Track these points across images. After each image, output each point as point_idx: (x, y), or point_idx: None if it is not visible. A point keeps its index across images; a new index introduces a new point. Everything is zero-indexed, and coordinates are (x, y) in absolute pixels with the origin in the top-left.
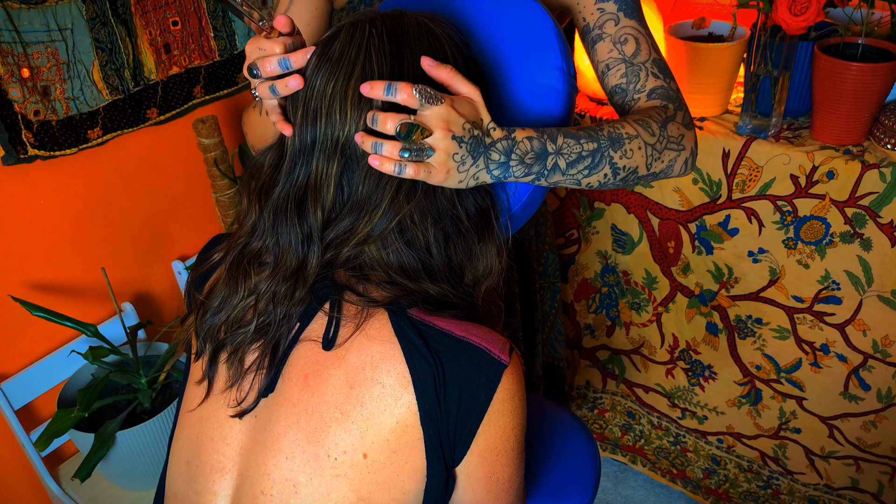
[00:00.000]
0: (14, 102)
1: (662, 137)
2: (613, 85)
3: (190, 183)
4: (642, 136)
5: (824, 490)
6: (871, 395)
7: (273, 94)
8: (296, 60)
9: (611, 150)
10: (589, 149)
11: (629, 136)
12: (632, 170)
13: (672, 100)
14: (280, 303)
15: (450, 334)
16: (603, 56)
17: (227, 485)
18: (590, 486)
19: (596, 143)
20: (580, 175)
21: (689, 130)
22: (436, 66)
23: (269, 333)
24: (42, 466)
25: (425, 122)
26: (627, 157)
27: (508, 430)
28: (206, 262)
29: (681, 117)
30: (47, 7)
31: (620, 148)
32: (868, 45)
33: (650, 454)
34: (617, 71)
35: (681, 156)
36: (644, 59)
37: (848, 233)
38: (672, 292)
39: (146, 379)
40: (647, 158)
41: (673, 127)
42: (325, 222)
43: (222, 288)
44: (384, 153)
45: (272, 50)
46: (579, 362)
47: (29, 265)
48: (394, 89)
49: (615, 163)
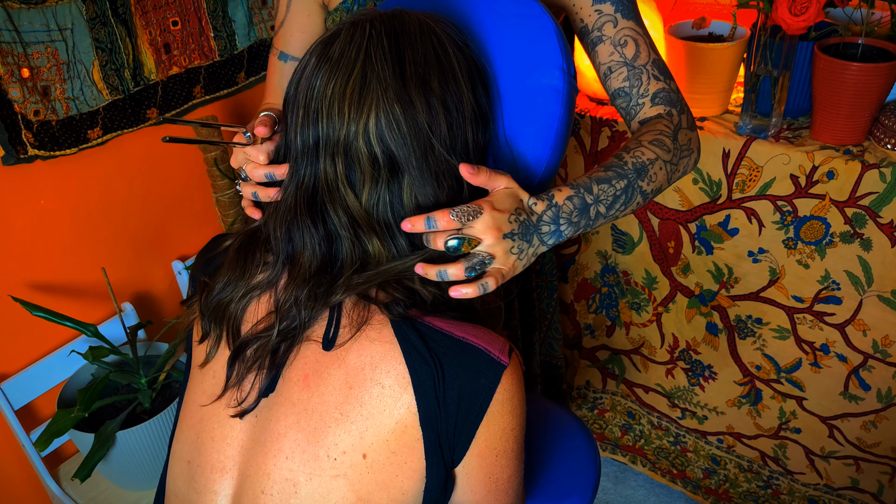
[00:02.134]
0: (14, 102)
1: (677, 150)
2: (616, 88)
3: (190, 183)
4: (661, 157)
5: (824, 490)
6: (871, 395)
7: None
8: (279, 173)
9: (639, 181)
10: (621, 187)
11: (650, 161)
12: (657, 189)
13: (674, 103)
14: (305, 306)
15: (449, 335)
16: (604, 59)
17: (227, 484)
18: (590, 486)
19: (626, 181)
20: (618, 212)
21: (693, 132)
22: (474, 175)
23: (296, 337)
24: (42, 466)
25: (474, 235)
26: (653, 181)
27: (508, 430)
28: (216, 248)
29: (686, 122)
30: (47, 7)
31: (646, 176)
32: (868, 45)
33: (650, 454)
34: (619, 74)
35: (691, 158)
36: (644, 62)
37: (848, 233)
38: (672, 292)
39: (146, 379)
40: (669, 175)
41: (682, 136)
42: (350, 221)
43: (227, 271)
44: (450, 278)
45: (257, 158)
46: (579, 362)
47: (29, 265)
48: (433, 221)
49: (644, 190)
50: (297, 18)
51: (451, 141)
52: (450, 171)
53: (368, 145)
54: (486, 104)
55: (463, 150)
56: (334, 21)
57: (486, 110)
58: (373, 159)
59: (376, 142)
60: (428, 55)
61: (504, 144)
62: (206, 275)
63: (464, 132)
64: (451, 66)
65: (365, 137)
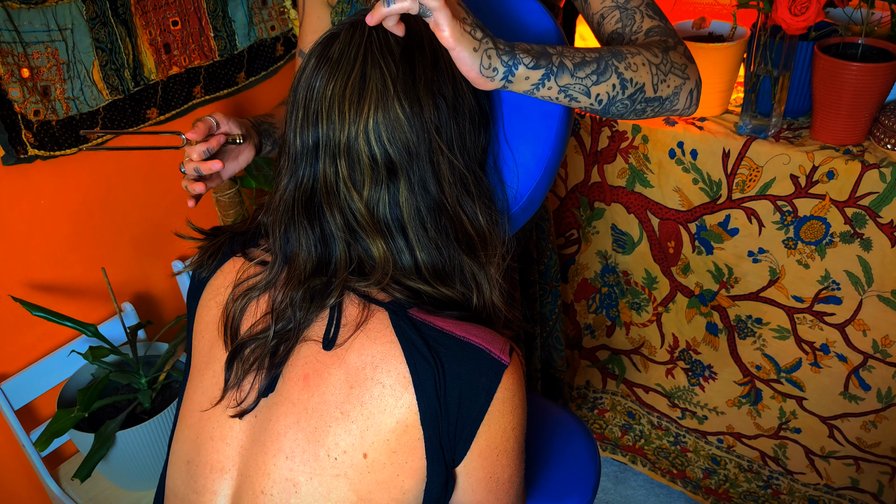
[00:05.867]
0: (14, 102)
1: (666, 61)
2: (610, 32)
3: None
4: (645, 55)
5: (824, 490)
6: (871, 395)
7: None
8: (205, 168)
9: (614, 60)
10: (592, 56)
11: (631, 52)
12: (639, 87)
13: (670, 35)
14: (301, 307)
15: (450, 334)
16: (596, 7)
17: (227, 484)
18: (590, 486)
19: (597, 54)
20: (588, 81)
21: (691, 63)
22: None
23: (293, 338)
24: (42, 466)
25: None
26: (633, 70)
27: (508, 430)
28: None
29: (681, 50)
30: (47, 7)
31: (623, 60)
32: (868, 45)
33: (650, 454)
34: (612, 18)
35: (686, 85)
36: (637, 4)
37: (848, 233)
38: (672, 292)
39: (146, 379)
40: (653, 77)
41: (675, 55)
42: (345, 223)
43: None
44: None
45: (191, 155)
46: (579, 362)
47: (29, 265)
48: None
49: (621, 73)
50: (310, 20)
51: (452, 140)
52: (450, 171)
53: (368, 146)
54: (487, 104)
55: (463, 149)
56: (336, 14)
57: (486, 110)
58: (373, 160)
59: (376, 142)
60: (428, 55)
61: (504, 144)
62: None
63: (464, 132)
64: (450, 66)
65: (365, 138)
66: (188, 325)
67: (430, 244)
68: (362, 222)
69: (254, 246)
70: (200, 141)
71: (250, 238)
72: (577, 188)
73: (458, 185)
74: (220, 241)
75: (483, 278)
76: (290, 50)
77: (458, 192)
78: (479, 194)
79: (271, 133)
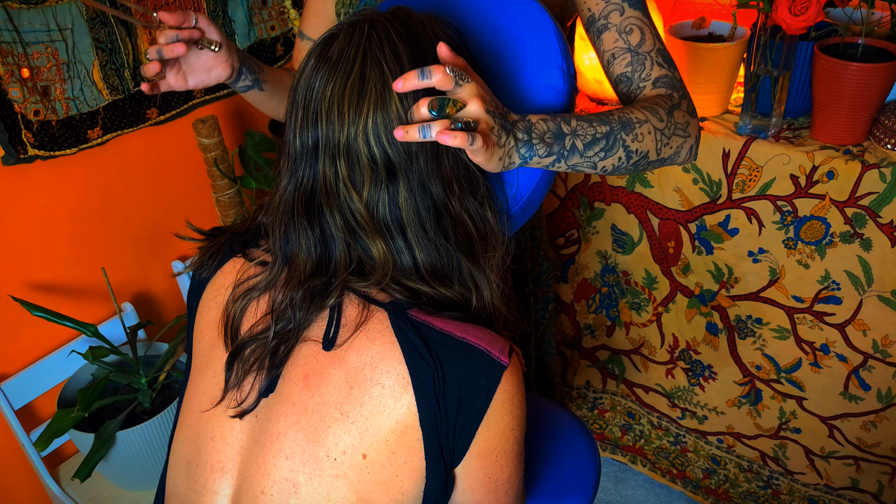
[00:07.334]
0: (14, 102)
1: (670, 123)
2: (619, 74)
3: (190, 183)
4: (651, 122)
5: (824, 490)
6: (871, 395)
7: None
8: (167, 51)
9: (623, 134)
10: (602, 131)
11: (639, 120)
12: (643, 154)
13: (676, 89)
14: (300, 307)
15: (450, 335)
16: (608, 46)
17: (227, 484)
18: (590, 486)
19: (608, 127)
20: (597, 157)
21: (693, 118)
22: (453, 56)
23: (293, 338)
24: (42, 466)
25: (459, 96)
26: (639, 140)
27: (508, 430)
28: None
29: (685, 105)
30: (47, 7)
31: (632, 132)
32: (868, 45)
33: (650, 454)
34: (622, 60)
35: (687, 142)
36: (649, 49)
37: (848, 233)
38: (672, 292)
39: (146, 379)
40: (657, 143)
41: (679, 114)
42: (345, 223)
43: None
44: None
45: (158, 39)
46: (579, 362)
47: (29, 265)
48: (428, 72)
49: (628, 146)
50: (314, 2)
51: None
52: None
53: (368, 146)
54: None
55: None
56: (343, 6)
57: None
58: (372, 160)
59: (375, 143)
60: (427, 55)
61: None
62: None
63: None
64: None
65: (364, 138)
66: (188, 325)
67: (430, 245)
68: (362, 223)
69: (254, 246)
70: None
71: (250, 238)
72: (577, 188)
73: (457, 185)
74: (221, 241)
75: (482, 279)
76: (290, 50)
77: (458, 193)
78: (478, 194)
79: (254, 70)
